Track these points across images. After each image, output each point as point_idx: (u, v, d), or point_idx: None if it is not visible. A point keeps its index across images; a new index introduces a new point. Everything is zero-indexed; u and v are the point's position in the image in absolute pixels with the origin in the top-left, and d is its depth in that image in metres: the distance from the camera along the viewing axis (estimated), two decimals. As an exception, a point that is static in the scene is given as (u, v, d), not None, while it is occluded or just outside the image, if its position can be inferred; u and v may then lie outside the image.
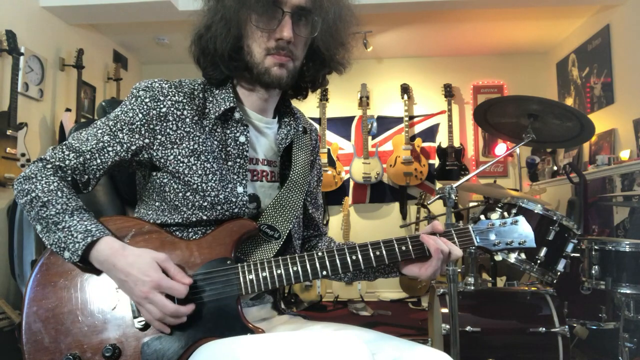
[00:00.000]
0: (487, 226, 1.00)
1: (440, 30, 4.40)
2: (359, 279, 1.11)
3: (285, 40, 0.93)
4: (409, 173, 4.64)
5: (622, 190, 3.23)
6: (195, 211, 0.95)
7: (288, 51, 0.95)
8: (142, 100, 0.95)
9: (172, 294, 0.84)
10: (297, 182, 1.04)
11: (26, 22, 3.34)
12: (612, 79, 3.73)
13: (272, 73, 0.95)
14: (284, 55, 0.95)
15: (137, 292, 0.83)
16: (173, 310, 0.83)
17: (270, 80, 0.96)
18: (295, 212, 1.02)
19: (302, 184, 1.05)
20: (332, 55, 1.03)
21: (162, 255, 0.86)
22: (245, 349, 0.78)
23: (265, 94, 1.03)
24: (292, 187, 1.04)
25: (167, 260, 0.86)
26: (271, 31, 0.93)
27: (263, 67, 0.95)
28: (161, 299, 0.83)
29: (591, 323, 2.31)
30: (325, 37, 0.99)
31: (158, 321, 0.84)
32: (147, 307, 0.84)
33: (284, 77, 0.96)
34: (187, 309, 0.85)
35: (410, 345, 0.91)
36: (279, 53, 0.94)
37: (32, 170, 0.93)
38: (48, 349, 0.83)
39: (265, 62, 0.95)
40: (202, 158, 0.95)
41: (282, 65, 0.95)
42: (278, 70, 0.95)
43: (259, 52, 0.95)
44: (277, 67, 0.95)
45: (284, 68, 0.96)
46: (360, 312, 4.03)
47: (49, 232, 0.88)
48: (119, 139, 0.94)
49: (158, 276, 0.84)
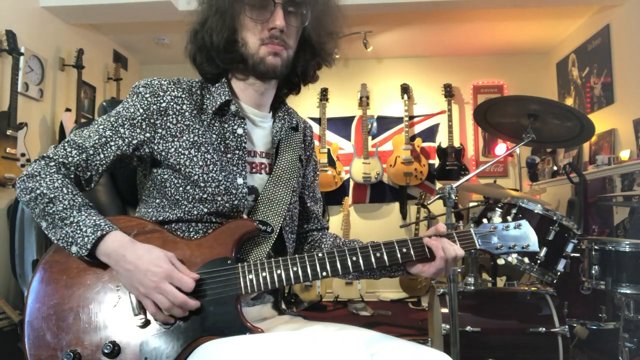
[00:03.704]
0: (489, 229, 1.00)
1: (440, 30, 4.40)
2: (364, 277, 1.12)
3: (278, 30, 0.98)
4: (409, 173, 4.64)
5: (622, 190, 3.23)
6: (196, 204, 0.97)
7: (281, 40, 0.99)
8: (143, 96, 0.98)
9: (180, 286, 0.85)
10: (281, 177, 1.07)
11: (26, 22, 3.34)
12: (612, 79, 3.73)
13: (267, 62, 0.99)
14: (277, 45, 0.99)
15: (147, 282, 0.84)
16: (182, 301, 0.84)
17: (265, 69, 1.00)
18: (284, 205, 1.04)
19: (287, 178, 1.07)
20: (321, 45, 1.07)
21: (170, 253, 0.89)
22: (244, 349, 0.78)
23: (262, 87, 1.06)
24: (277, 182, 1.06)
25: (174, 258, 0.89)
26: (264, 22, 0.98)
27: (258, 56, 0.99)
28: (171, 289, 0.84)
29: (591, 323, 2.32)
30: (314, 27, 1.05)
31: (164, 313, 0.85)
32: (156, 297, 0.84)
33: (279, 65, 1.00)
34: (194, 302, 0.86)
35: (410, 346, 0.91)
36: (272, 42, 0.99)
37: (35, 168, 0.94)
38: (49, 346, 0.84)
39: (260, 52, 0.99)
40: (203, 149, 0.98)
41: (277, 54, 1.00)
42: (273, 59, 0.99)
43: (253, 43, 0.99)
44: (272, 56, 0.99)
45: (278, 57, 1.00)
46: (360, 312, 4.03)
47: (55, 228, 0.89)
48: (121, 134, 0.97)
49: (169, 267, 0.85)
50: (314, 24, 1.04)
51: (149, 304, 0.85)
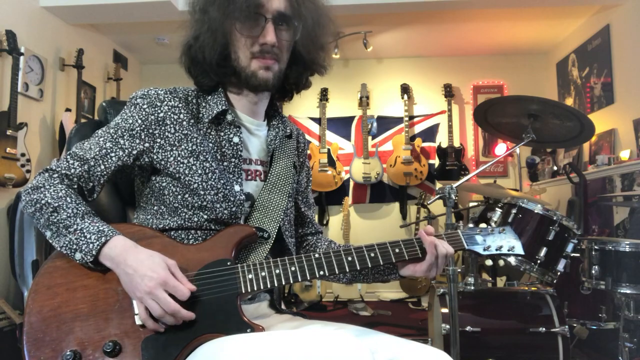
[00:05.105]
0: (476, 232, 1.07)
1: (440, 30, 4.40)
2: (358, 281, 1.14)
3: (269, 45, 0.99)
4: (409, 173, 4.64)
5: (622, 190, 3.23)
6: (195, 211, 0.98)
7: (273, 54, 1.01)
8: (141, 107, 1.00)
9: (175, 294, 0.85)
10: (276, 184, 1.09)
11: (26, 22, 3.34)
12: (612, 79, 3.73)
13: (259, 76, 1.01)
14: (269, 59, 1.00)
15: (142, 286, 0.84)
16: (174, 309, 0.84)
17: (257, 82, 1.01)
18: (279, 211, 1.06)
19: (282, 185, 1.09)
20: (313, 58, 1.08)
21: (171, 261, 0.89)
22: (247, 347, 0.79)
23: (255, 97, 1.08)
24: (272, 189, 1.08)
25: (175, 266, 0.89)
26: (255, 37, 0.99)
27: (249, 70, 1.01)
28: (165, 296, 0.84)
29: (591, 323, 2.32)
30: (305, 41, 1.05)
31: (154, 320, 0.85)
32: (149, 303, 0.84)
33: (270, 79, 1.02)
34: (187, 313, 0.86)
35: (410, 344, 0.91)
36: (263, 57, 1.00)
37: (39, 180, 0.96)
38: (49, 346, 0.84)
39: (252, 66, 1.01)
40: (201, 158, 0.99)
41: (268, 68, 1.01)
42: (264, 73, 1.01)
43: (245, 57, 1.01)
44: (263, 70, 1.01)
45: (270, 71, 1.01)
46: (360, 312, 4.03)
47: (59, 236, 0.91)
48: (121, 145, 0.98)
49: (166, 274, 0.86)
50: (305, 37, 1.04)
51: (142, 310, 0.86)
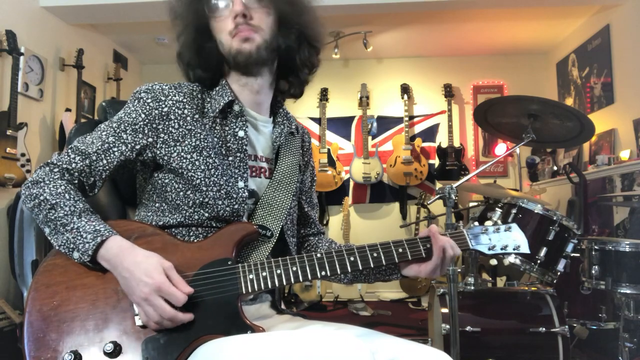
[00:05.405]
0: (481, 231, 1.04)
1: (440, 30, 4.40)
2: (359, 281, 1.13)
3: (239, 15, 0.98)
4: (409, 173, 4.64)
5: (622, 190, 3.23)
6: (196, 209, 0.97)
7: (248, 25, 0.99)
8: (145, 101, 0.99)
9: (170, 300, 0.84)
10: (281, 182, 1.07)
11: (26, 22, 3.34)
12: (612, 79, 3.73)
13: (242, 50, 0.99)
14: (245, 30, 0.98)
15: (138, 292, 0.84)
16: (170, 315, 0.83)
17: (243, 58, 1.00)
18: (283, 210, 1.04)
19: (287, 183, 1.08)
20: (301, 23, 1.05)
21: (168, 263, 0.87)
22: (247, 347, 0.79)
23: (254, 83, 1.05)
24: (277, 187, 1.06)
25: (171, 269, 0.87)
26: (226, 16, 0.99)
27: (233, 49, 1.00)
28: (160, 303, 0.83)
29: (591, 323, 2.32)
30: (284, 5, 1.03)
31: (155, 323, 0.85)
32: (146, 309, 0.84)
33: (254, 49, 0.99)
34: (185, 316, 0.85)
35: (410, 345, 0.91)
36: (239, 30, 0.98)
37: (39, 174, 0.94)
38: (49, 347, 0.84)
39: (233, 44, 0.99)
40: (205, 154, 0.98)
41: (247, 39, 0.99)
42: (246, 45, 0.99)
43: (226, 39, 1.00)
44: (243, 42, 0.99)
45: (251, 41, 0.99)
46: (360, 312, 4.03)
47: (57, 234, 0.90)
48: (123, 140, 0.97)
49: (160, 279, 0.84)
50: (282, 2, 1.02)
51: (141, 313, 0.85)
